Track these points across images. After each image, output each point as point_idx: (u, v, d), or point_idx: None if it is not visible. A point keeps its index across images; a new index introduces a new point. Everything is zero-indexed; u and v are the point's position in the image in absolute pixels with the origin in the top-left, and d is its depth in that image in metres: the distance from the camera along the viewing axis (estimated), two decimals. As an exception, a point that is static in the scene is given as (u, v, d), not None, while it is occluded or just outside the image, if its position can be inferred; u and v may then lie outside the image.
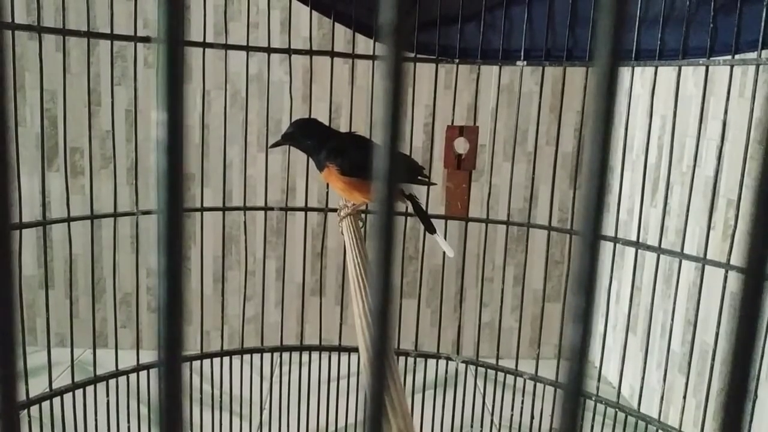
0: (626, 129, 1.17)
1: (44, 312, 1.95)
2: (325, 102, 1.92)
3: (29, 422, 1.07)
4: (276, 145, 1.10)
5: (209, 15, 1.20)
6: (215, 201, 1.52)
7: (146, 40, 1.12)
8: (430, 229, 1.09)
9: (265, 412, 1.42)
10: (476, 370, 1.38)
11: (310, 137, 1.07)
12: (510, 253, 1.99)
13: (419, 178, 1.10)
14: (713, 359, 1.06)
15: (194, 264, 1.99)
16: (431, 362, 1.35)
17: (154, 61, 1.92)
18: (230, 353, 1.31)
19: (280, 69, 1.89)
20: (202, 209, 1.25)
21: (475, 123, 1.25)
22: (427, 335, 1.97)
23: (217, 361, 1.30)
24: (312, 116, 1.29)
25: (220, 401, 1.31)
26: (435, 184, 1.18)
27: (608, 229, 1.96)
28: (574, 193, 1.26)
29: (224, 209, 1.27)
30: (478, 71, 1.25)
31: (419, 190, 1.12)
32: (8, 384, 0.17)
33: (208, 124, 1.38)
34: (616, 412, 1.19)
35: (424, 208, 1.13)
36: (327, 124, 1.35)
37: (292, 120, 1.33)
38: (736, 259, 1.04)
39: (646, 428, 1.14)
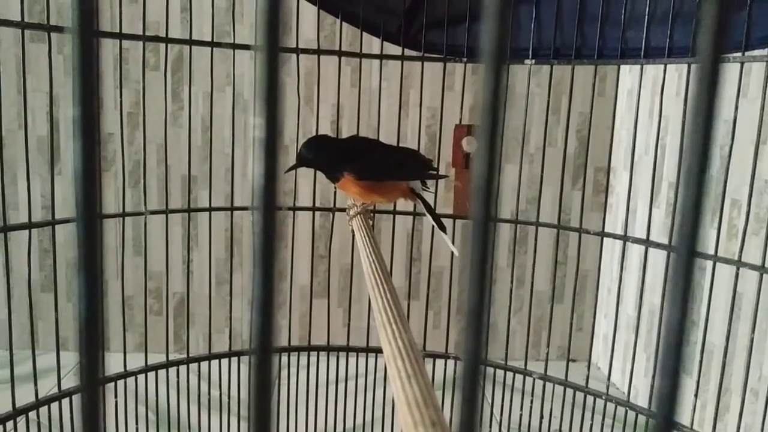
0: (635, 129, 1.17)
1: (45, 315, 1.94)
2: (326, 104, 1.92)
3: (38, 424, 1.06)
4: (291, 169, 1.09)
5: (210, 18, 1.20)
6: (218, 203, 1.51)
7: (155, 39, 1.12)
8: (442, 227, 1.09)
9: (272, 414, 1.41)
10: (484, 370, 1.37)
11: (324, 155, 1.05)
12: (514, 255, 1.99)
13: (430, 172, 1.10)
14: (725, 358, 1.06)
15: (198, 266, 1.98)
16: (439, 362, 1.35)
17: (157, 63, 1.91)
18: (238, 354, 1.30)
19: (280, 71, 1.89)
20: (210, 209, 1.24)
21: (482, 122, 1.25)
22: (430, 336, 1.97)
23: (225, 362, 1.29)
24: (316, 116, 1.29)
25: (228, 404, 1.30)
26: (446, 176, 1.18)
27: (617, 228, 1.96)
28: (583, 195, 1.26)
29: (232, 209, 1.27)
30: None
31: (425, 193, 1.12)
32: (92, 364, 0.17)
33: (209, 126, 1.38)
34: (626, 412, 1.18)
35: (431, 205, 1.13)
36: (332, 121, 1.35)
37: (298, 122, 1.33)
38: (746, 257, 1.05)
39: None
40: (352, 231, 1.03)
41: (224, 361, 1.30)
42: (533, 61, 1.19)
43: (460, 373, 0.16)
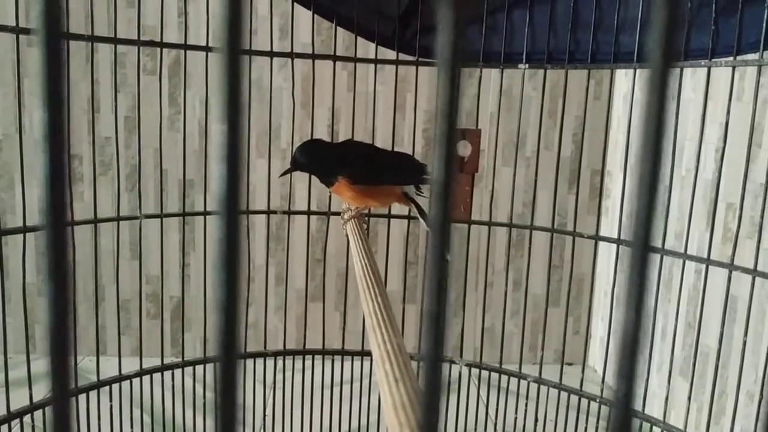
0: (628, 133, 1.18)
1: (41, 319, 1.94)
2: (323, 108, 1.92)
3: (32, 428, 1.06)
4: (286, 173, 1.10)
5: (205, 22, 1.20)
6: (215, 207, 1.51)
7: (149, 44, 1.12)
8: None
9: (268, 418, 1.41)
10: (479, 373, 1.37)
11: (319, 159, 1.06)
12: (509, 258, 2.00)
13: (424, 176, 1.10)
14: (718, 361, 1.06)
15: (194, 270, 1.99)
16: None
17: (154, 68, 1.92)
18: (214, 360, 1.30)
19: (278, 76, 1.90)
20: (205, 213, 1.25)
21: (476, 126, 1.26)
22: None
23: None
24: (312, 120, 1.29)
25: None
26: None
27: (613, 231, 1.97)
28: (577, 198, 1.27)
29: (227, 213, 1.27)
30: (480, 75, 1.25)
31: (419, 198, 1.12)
32: (62, 374, 0.17)
33: (205, 131, 1.39)
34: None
35: (425, 210, 1.13)
36: (328, 125, 1.35)
37: (293, 126, 1.33)
38: (740, 260, 1.05)
39: (651, 429, 1.14)
40: (347, 235, 1.03)
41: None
42: (527, 65, 1.20)
43: (421, 375, 0.17)
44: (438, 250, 0.15)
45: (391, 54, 1.27)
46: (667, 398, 1.14)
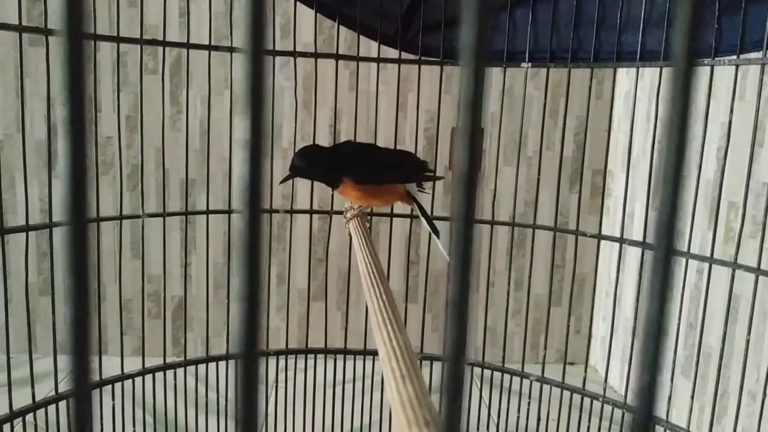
0: (631, 133, 1.18)
1: (44, 319, 1.94)
2: (325, 107, 1.92)
3: (35, 427, 1.06)
4: (286, 179, 1.09)
5: (207, 21, 1.20)
6: (216, 207, 1.52)
7: (152, 42, 1.12)
8: (436, 231, 1.09)
9: (270, 418, 1.41)
10: (482, 372, 1.37)
11: (320, 164, 1.05)
12: (511, 257, 2.00)
13: (426, 174, 1.10)
14: (721, 360, 1.06)
15: (196, 270, 1.98)
16: (437, 365, 1.35)
17: (155, 67, 1.92)
18: (235, 357, 1.30)
19: (280, 75, 1.89)
20: (207, 212, 1.25)
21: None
22: (428, 340, 1.97)
23: (222, 365, 1.29)
24: (314, 119, 1.29)
25: (225, 406, 1.30)
26: (443, 178, 1.18)
27: (614, 230, 1.96)
28: (579, 197, 1.27)
29: (230, 212, 1.27)
30: (482, 74, 1.25)
31: (421, 196, 1.12)
32: (82, 366, 0.17)
33: (207, 130, 1.38)
34: (623, 414, 1.18)
35: (428, 210, 1.13)
36: (330, 124, 1.35)
37: (295, 126, 1.33)
38: (743, 259, 1.05)
39: (654, 428, 1.14)
40: (350, 234, 1.03)
41: (221, 364, 1.30)
42: (530, 64, 1.20)
43: (444, 364, 0.16)
44: (462, 238, 0.15)
45: (393, 53, 1.27)
46: (669, 398, 1.14)
